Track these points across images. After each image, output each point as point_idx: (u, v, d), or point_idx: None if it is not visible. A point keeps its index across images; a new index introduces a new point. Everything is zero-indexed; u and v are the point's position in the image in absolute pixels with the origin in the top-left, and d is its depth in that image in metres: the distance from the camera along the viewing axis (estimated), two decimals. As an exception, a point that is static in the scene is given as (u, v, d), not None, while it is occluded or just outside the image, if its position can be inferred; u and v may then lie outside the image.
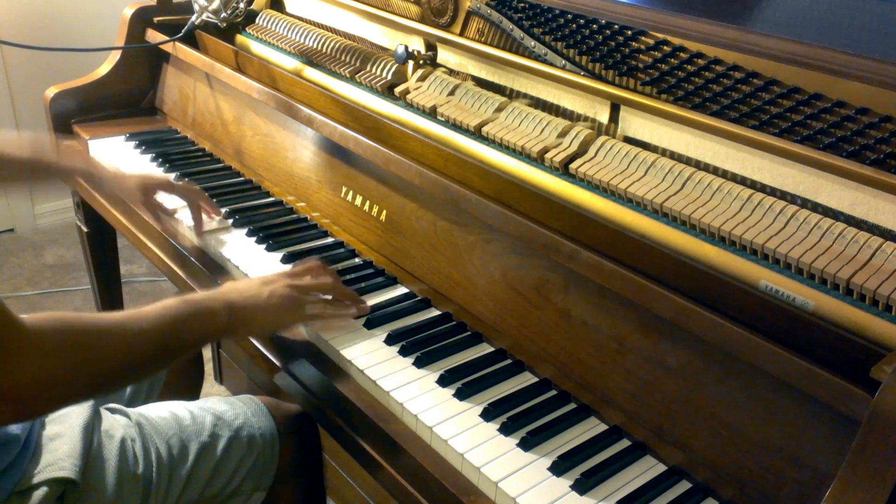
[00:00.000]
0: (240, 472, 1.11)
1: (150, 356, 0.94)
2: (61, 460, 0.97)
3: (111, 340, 0.89)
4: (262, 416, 1.16)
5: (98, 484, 0.99)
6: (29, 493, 0.94)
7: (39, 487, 0.94)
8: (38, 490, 0.94)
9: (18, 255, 3.00)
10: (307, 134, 1.44)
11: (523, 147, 1.17)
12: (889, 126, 0.87)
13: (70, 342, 0.84)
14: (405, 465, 0.96)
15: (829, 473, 0.76)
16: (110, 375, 0.90)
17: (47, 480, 0.95)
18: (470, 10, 1.32)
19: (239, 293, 1.05)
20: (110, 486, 1.00)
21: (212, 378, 2.25)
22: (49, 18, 2.97)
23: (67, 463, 0.96)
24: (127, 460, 1.03)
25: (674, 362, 0.92)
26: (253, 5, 1.79)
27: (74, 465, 0.97)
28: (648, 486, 0.90)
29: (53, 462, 0.96)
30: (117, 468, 1.01)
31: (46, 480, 0.95)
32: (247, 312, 1.04)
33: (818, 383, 0.78)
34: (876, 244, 0.87)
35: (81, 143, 1.76)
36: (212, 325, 1.01)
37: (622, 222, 1.02)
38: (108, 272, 1.96)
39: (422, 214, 1.22)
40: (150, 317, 0.93)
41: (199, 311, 0.99)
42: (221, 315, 1.01)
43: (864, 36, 1.14)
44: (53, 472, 0.95)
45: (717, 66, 1.01)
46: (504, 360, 1.09)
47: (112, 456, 1.02)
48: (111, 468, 1.01)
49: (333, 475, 1.65)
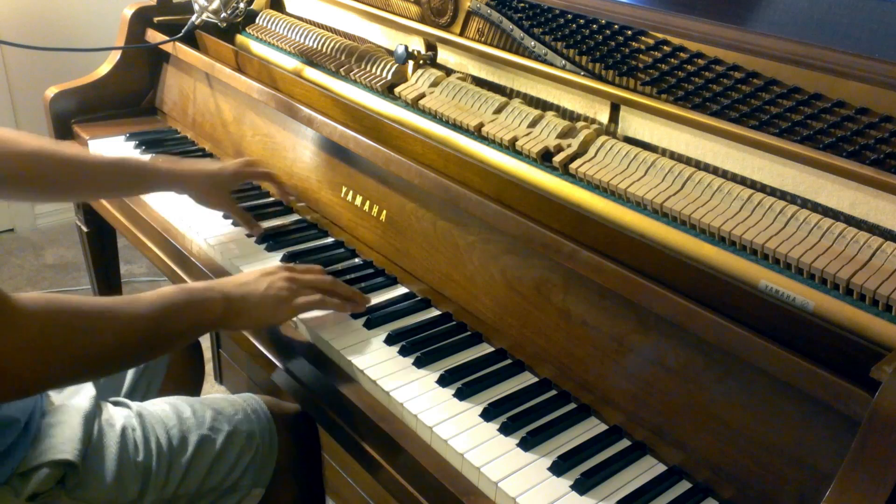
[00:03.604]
0: (238, 466, 1.12)
1: (141, 342, 0.94)
2: (62, 444, 0.97)
3: (102, 323, 0.89)
4: (262, 413, 1.17)
5: (98, 470, 1.00)
6: (29, 475, 0.95)
7: (40, 469, 0.95)
8: (38, 472, 0.95)
9: (18, 255, 3.00)
10: (307, 134, 1.44)
11: (523, 147, 1.17)
12: (889, 126, 0.87)
13: (59, 322, 0.85)
14: (405, 464, 0.96)
15: (829, 473, 0.76)
16: (99, 358, 0.91)
17: (48, 462, 0.95)
18: (470, 10, 1.32)
19: (237, 285, 1.06)
20: (110, 472, 1.01)
21: (212, 378, 2.25)
22: (49, 18, 2.97)
23: (68, 447, 0.97)
24: (127, 448, 1.03)
25: (674, 362, 0.92)
26: (253, 5, 1.79)
27: (75, 449, 0.97)
28: (648, 486, 0.90)
29: (54, 446, 0.97)
30: (117, 455, 1.02)
31: (47, 462, 0.95)
32: (243, 304, 1.04)
33: (818, 383, 0.78)
34: (876, 244, 0.87)
35: (81, 143, 1.76)
36: (207, 315, 1.01)
37: (622, 222, 1.02)
38: (108, 272, 1.96)
39: (422, 214, 1.22)
40: (144, 302, 0.94)
41: (195, 300, 1.00)
42: (218, 305, 1.01)
43: (864, 36, 1.14)
44: (54, 454, 0.96)
45: (717, 66, 1.01)
46: (504, 360, 1.09)
47: (112, 443, 1.03)
48: (111, 455, 1.02)
49: (333, 475, 1.66)
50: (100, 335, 0.89)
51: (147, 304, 0.94)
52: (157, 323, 0.94)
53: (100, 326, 0.89)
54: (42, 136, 1.30)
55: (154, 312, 0.94)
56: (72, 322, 0.86)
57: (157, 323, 0.94)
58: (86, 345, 0.87)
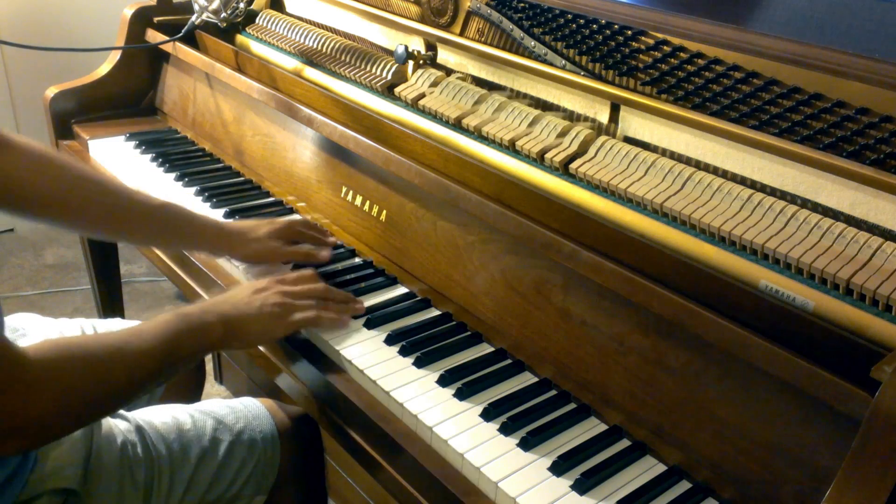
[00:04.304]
0: (241, 476, 1.11)
1: (151, 374, 0.95)
2: (61, 469, 0.97)
3: (114, 363, 0.90)
4: (263, 418, 1.16)
5: (99, 491, 1.00)
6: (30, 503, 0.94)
7: (41, 497, 0.95)
8: (39, 500, 0.95)
9: (18, 255, 3.00)
10: (307, 134, 1.44)
11: (523, 147, 1.17)
12: (889, 126, 0.87)
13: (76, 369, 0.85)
14: (405, 465, 0.96)
15: (829, 473, 0.76)
16: (116, 396, 0.92)
17: (48, 491, 0.95)
18: (470, 10, 1.32)
19: (232, 305, 1.05)
20: (111, 493, 1.00)
21: (212, 378, 2.25)
22: (49, 18, 2.97)
23: (68, 472, 0.97)
24: (128, 466, 1.03)
25: (674, 362, 0.92)
26: (253, 5, 1.79)
27: (75, 474, 0.97)
28: (648, 486, 0.90)
29: (54, 472, 0.96)
30: (118, 475, 1.01)
31: (47, 491, 0.95)
32: (241, 324, 1.04)
33: (818, 383, 0.78)
34: (876, 244, 0.87)
35: (81, 143, 1.76)
36: (208, 339, 1.01)
37: (622, 222, 1.02)
38: (108, 272, 1.96)
39: (422, 214, 1.22)
40: (148, 335, 0.94)
41: (196, 326, 1.00)
42: (217, 329, 1.01)
43: (864, 36, 1.14)
44: (54, 482, 0.96)
45: (717, 66, 1.01)
46: (504, 360, 1.09)
47: (112, 462, 1.02)
48: (112, 475, 1.01)
49: (334, 475, 1.65)
50: (114, 375, 0.89)
51: (152, 336, 0.94)
52: (163, 353, 0.95)
53: (113, 366, 0.89)
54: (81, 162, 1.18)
55: (159, 344, 0.94)
56: (87, 368, 0.86)
57: (163, 353, 0.95)
58: (99, 387, 0.88)
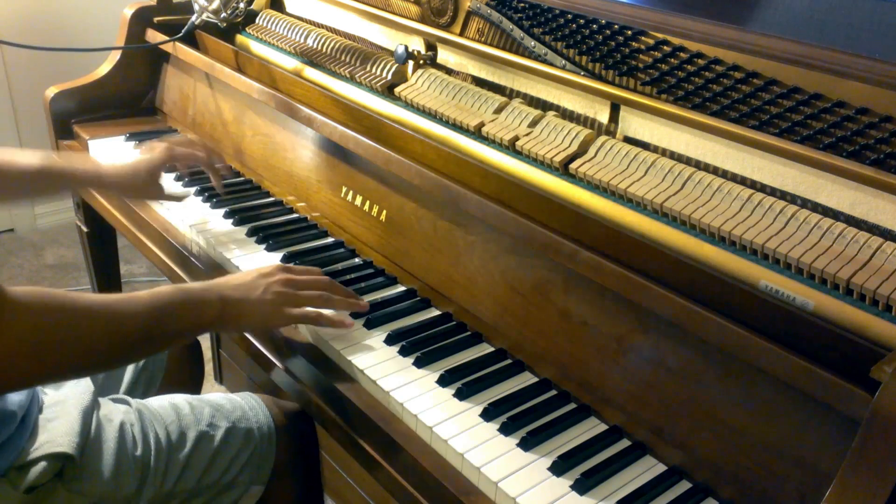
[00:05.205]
0: (236, 463, 1.12)
1: (135, 340, 0.94)
2: (60, 437, 0.98)
3: (96, 320, 0.89)
4: (260, 411, 1.17)
5: (96, 464, 1.00)
6: (27, 468, 0.95)
7: (37, 463, 0.95)
8: (36, 465, 0.95)
9: (18, 255, 3.00)
10: (307, 134, 1.44)
11: (523, 147, 1.17)
12: (889, 126, 0.87)
13: (53, 315, 0.85)
14: (405, 464, 0.96)
15: (829, 473, 0.76)
16: (92, 354, 0.90)
17: (45, 455, 0.96)
18: (470, 10, 1.32)
19: (233, 287, 1.05)
20: (108, 466, 1.01)
21: (212, 378, 2.25)
22: (49, 18, 2.97)
23: (66, 440, 0.97)
24: (125, 443, 1.04)
25: (674, 362, 0.92)
26: (253, 5, 1.79)
27: (73, 443, 0.98)
28: (648, 486, 0.90)
29: (52, 439, 0.97)
30: (115, 450, 1.02)
31: (45, 455, 0.96)
32: (240, 307, 1.04)
33: (818, 383, 0.78)
34: (876, 244, 0.87)
35: (81, 143, 1.76)
36: (203, 316, 1.01)
37: (622, 222, 1.02)
38: (108, 272, 1.96)
39: (422, 214, 1.22)
40: (140, 301, 0.94)
41: (192, 300, 1.00)
42: (214, 307, 1.01)
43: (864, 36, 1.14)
44: (51, 447, 0.96)
45: (717, 66, 1.01)
46: (504, 360, 1.09)
47: (111, 438, 1.03)
48: (109, 450, 1.02)
49: (332, 474, 1.65)
50: (93, 330, 0.89)
51: (143, 302, 0.94)
52: (152, 321, 0.94)
53: (94, 322, 0.89)
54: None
55: (150, 311, 0.94)
56: (66, 316, 0.86)
57: (152, 321, 0.94)
58: (79, 339, 0.87)
